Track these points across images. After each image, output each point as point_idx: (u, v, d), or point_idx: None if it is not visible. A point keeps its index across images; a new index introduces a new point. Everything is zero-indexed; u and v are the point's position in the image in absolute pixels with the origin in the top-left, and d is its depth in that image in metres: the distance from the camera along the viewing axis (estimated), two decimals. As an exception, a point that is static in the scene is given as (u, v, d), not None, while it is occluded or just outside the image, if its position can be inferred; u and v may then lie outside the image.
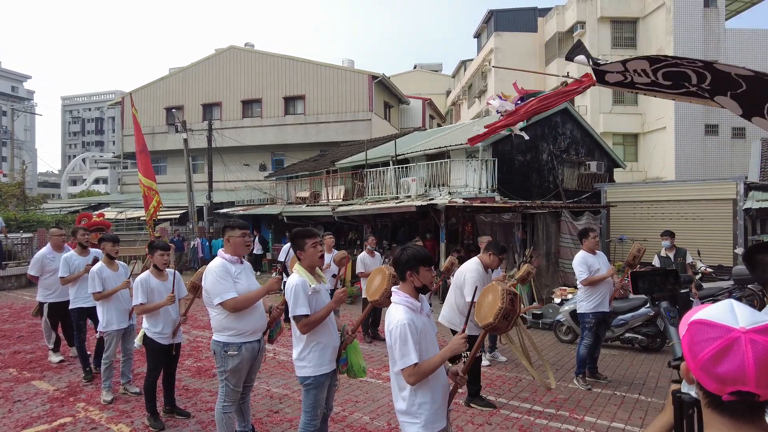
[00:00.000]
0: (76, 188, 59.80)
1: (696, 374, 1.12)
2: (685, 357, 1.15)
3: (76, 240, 6.20)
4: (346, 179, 17.71)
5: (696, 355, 1.11)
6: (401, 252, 2.68)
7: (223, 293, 3.57)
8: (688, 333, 1.15)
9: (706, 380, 1.10)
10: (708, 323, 1.11)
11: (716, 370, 1.06)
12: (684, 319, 1.22)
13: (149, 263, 4.83)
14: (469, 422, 4.73)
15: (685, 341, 1.15)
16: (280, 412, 4.93)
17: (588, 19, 24.19)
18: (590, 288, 5.80)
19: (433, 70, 47.87)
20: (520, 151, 14.32)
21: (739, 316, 1.10)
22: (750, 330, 1.06)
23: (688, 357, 1.14)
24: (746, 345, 1.04)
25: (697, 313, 1.16)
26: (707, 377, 1.09)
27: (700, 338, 1.11)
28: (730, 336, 1.06)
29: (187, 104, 30.12)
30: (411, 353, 2.43)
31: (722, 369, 1.06)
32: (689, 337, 1.14)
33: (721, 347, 1.06)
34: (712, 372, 1.08)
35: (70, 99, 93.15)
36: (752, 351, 1.04)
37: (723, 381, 1.06)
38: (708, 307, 1.16)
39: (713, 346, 1.07)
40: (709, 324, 1.11)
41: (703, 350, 1.09)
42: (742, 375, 1.04)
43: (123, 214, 24.50)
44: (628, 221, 14.72)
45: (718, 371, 1.06)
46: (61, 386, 5.64)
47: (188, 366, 6.47)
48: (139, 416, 4.72)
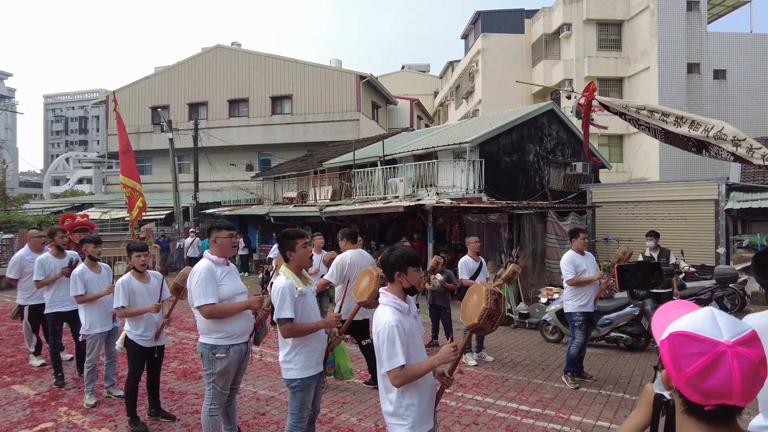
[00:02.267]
0: (59, 188, 58.89)
1: (679, 386, 1.11)
2: (668, 368, 1.14)
3: (53, 242, 5.94)
4: (333, 179, 17.66)
5: (681, 370, 1.09)
6: (389, 253, 2.67)
7: (202, 297, 3.53)
8: (670, 344, 1.13)
9: (690, 393, 1.09)
10: (693, 336, 1.09)
11: (703, 385, 1.06)
12: (660, 320, 1.21)
13: (131, 265, 4.75)
14: (456, 422, 4.74)
15: (667, 352, 1.13)
16: (266, 414, 4.89)
17: (574, 21, 24.44)
18: (576, 288, 5.84)
19: (421, 71, 47.97)
20: (507, 152, 14.40)
21: (722, 328, 1.08)
22: (734, 343, 1.05)
23: (671, 369, 1.12)
24: (732, 360, 1.04)
25: (678, 323, 1.13)
26: (692, 391, 1.08)
27: (684, 352, 1.09)
28: (716, 350, 1.05)
29: (172, 103, 29.80)
30: (398, 355, 2.42)
31: (709, 384, 1.05)
32: (672, 349, 1.12)
33: (708, 363, 1.05)
34: (698, 387, 1.07)
35: (53, 97, 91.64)
36: (738, 366, 1.03)
37: (708, 395, 1.06)
38: (689, 315, 1.14)
39: (700, 362, 1.05)
40: (693, 337, 1.09)
41: (689, 365, 1.07)
42: (729, 390, 1.04)
43: (107, 215, 24.15)
44: (614, 221, 14.88)
45: (705, 386, 1.05)
46: (42, 390, 5.54)
47: (174, 368, 6.39)
48: (123, 420, 4.65)
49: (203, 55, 29.88)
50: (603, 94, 27.06)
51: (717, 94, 22.35)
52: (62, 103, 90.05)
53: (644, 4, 22.87)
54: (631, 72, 23.88)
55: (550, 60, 26.07)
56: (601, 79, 24.26)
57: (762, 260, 2.26)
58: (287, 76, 27.83)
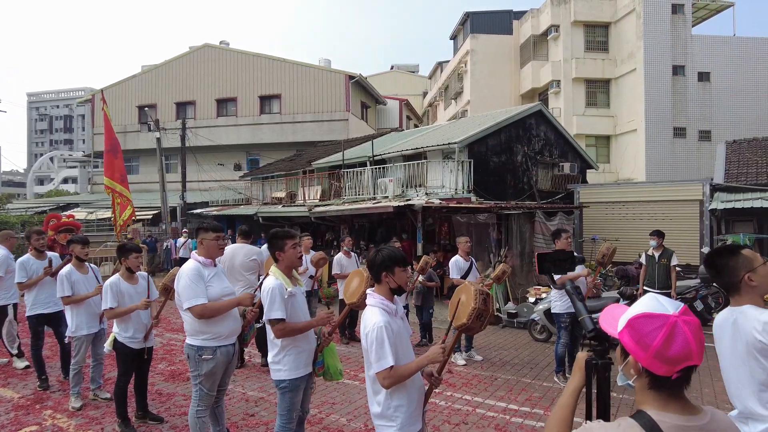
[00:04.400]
0: (43, 188, 58.00)
1: (647, 363, 1.26)
2: (634, 352, 1.29)
3: (30, 244, 5.77)
4: (322, 179, 17.62)
5: (648, 346, 1.25)
6: (376, 253, 2.67)
7: (192, 298, 3.51)
8: (631, 329, 1.29)
9: (658, 366, 1.25)
10: (649, 315, 1.28)
11: (668, 353, 1.23)
12: (608, 319, 1.38)
13: (119, 266, 4.70)
14: (446, 422, 4.76)
15: (631, 338, 1.29)
16: (255, 416, 4.87)
17: (562, 22, 24.65)
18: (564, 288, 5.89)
19: (410, 71, 48.02)
20: (496, 153, 14.49)
21: (666, 305, 1.29)
22: (679, 313, 1.26)
23: (638, 351, 1.27)
24: (684, 326, 1.24)
25: (632, 311, 1.32)
26: (659, 362, 1.25)
27: (646, 330, 1.26)
28: (670, 322, 1.25)
29: (160, 102, 29.52)
30: (387, 356, 2.42)
31: (673, 351, 1.23)
32: (635, 332, 1.28)
33: (668, 333, 1.23)
34: (665, 356, 1.23)
35: (37, 95, 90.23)
36: (689, 330, 1.24)
37: (674, 362, 1.23)
38: (638, 303, 1.33)
39: (661, 334, 1.24)
40: (650, 316, 1.27)
41: (654, 339, 1.24)
42: (689, 352, 1.23)
43: (93, 215, 23.85)
44: (601, 222, 15.04)
45: (670, 354, 1.23)
46: (26, 393, 5.46)
47: (161, 370, 6.34)
48: (110, 422, 4.60)
49: (191, 54, 29.64)
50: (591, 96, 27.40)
51: (701, 96, 22.69)
52: (46, 102, 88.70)
53: (630, 7, 23.14)
54: (618, 73, 24.15)
55: (538, 61, 26.26)
56: (589, 80, 24.51)
57: (709, 262, 2.35)
58: (276, 76, 27.71)
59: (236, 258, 6.11)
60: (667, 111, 22.24)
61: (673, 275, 7.62)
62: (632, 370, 1.34)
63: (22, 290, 5.69)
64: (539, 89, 26.43)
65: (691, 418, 1.28)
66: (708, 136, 22.67)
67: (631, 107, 23.12)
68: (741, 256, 2.22)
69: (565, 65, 24.41)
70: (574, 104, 24.29)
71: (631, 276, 11.32)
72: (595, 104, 24.63)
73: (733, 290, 2.23)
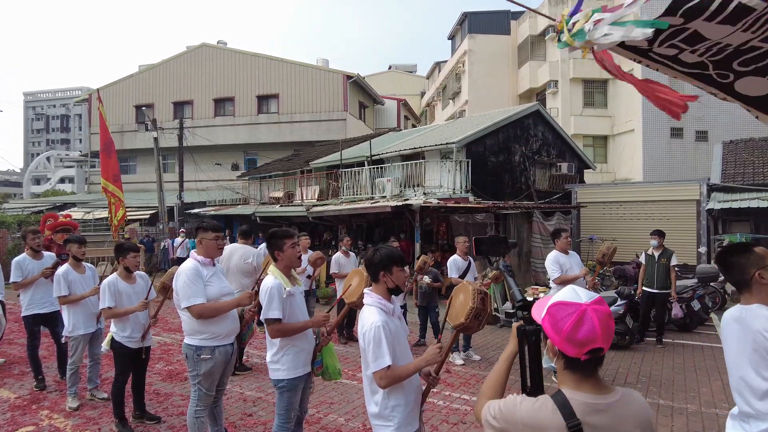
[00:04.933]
0: (39, 187, 57.83)
1: (560, 345, 1.45)
2: (550, 335, 1.47)
3: (26, 245, 5.77)
4: (320, 179, 17.61)
5: (560, 330, 1.43)
6: (374, 253, 2.66)
7: (191, 297, 3.50)
8: (549, 316, 1.47)
9: (569, 348, 1.43)
10: (563, 303, 1.46)
11: (576, 336, 1.41)
12: (537, 309, 1.56)
13: (117, 265, 4.68)
14: (444, 421, 4.76)
15: (549, 323, 1.47)
16: (253, 415, 4.86)
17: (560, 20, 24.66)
18: (562, 287, 5.90)
19: (408, 71, 48.05)
20: (493, 153, 14.51)
21: (581, 295, 1.47)
22: (591, 303, 1.44)
23: (553, 334, 1.46)
24: (592, 314, 1.41)
25: (551, 300, 1.50)
26: (569, 345, 1.42)
27: (560, 316, 1.44)
28: (580, 309, 1.42)
29: (157, 102, 29.46)
30: (385, 355, 2.41)
31: (580, 334, 1.40)
32: (551, 317, 1.46)
33: (577, 318, 1.41)
34: (573, 339, 1.41)
35: (33, 95, 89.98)
36: (597, 317, 1.41)
37: (581, 344, 1.40)
38: (557, 293, 1.51)
39: (572, 320, 1.41)
40: (564, 303, 1.46)
41: (565, 324, 1.42)
42: (594, 336, 1.40)
43: (90, 215, 23.77)
44: (598, 221, 15.07)
45: (578, 337, 1.40)
46: (23, 394, 5.44)
47: (159, 370, 6.32)
48: (107, 423, 4.58)
49: (188, 54, 29.58)
50: (588, 96, 27.33)
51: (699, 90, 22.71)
52: (43, 101, 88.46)
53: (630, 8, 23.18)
54: (615, 73, 24.17)
55: (536, 61, 26.30)
56: (586, 80, 24.54)
57: (720, 259, 2.35)
58: (274, 76, 27.68)
59: (232, 259, 6.07)
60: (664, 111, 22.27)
61: (673, 275, 7.62)
62: (551, 353, 1.50)
63: (18, 290, 5.65)
64: (537, 89, 26.46)
65: (601, 397, 1.44)
66: (705, 137, 22.72)
67: (628, 107, 23.16)
68: (753, 253, 2.21)
69: (563, 65, 24.44)
70: (572, 104, 24.32)
71: (629, 276, 11.34)
72: (592, 104, 24.68)
73: (744, 288, 2.22)
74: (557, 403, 1.43)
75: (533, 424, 1.43)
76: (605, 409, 1.42)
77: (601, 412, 1.42)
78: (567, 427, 1.39)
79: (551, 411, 1.42)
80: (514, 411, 1.48)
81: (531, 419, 1.44)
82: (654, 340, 7.81)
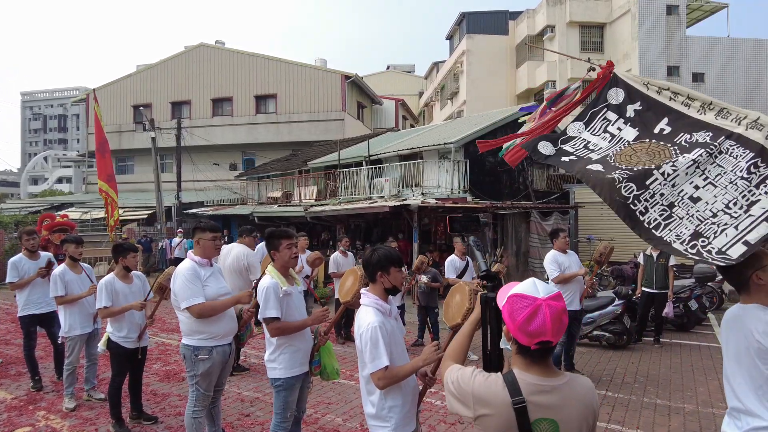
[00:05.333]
0: (37, 187, 57.69)
1: (514, 333, 1.56)
2: (506, 322, 1.58)
3: (23, 245, 5.73)
4: (318, 179, 17.60)
5: (515, 319, 1.53)
6: (371, 253, 2.66)
7: (191, 298, 3.50)
8: (508, 304, 1.57)
9: (521, 337, 1.53)
10: (521, 296, 1.54)
11: (528, 328, 1.50)
12: (500, 296, 1.64)
13: (114, 265, 4.67)
14: (442, 421, 4.76)
15: (507, 311, 1.57)
16: (251, 416, 4.85)
17: (557, 23, 24.72)
18: (561, 286, 5.91)
19: (406, 71, 48.07)
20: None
21: (540, 289, 1.55)
22: (547, 298, 1.52)
23: (509, 321, 1.56)
24: (545, 309, 1.50)
25: (512, 290, 1.59)
26: (521, 334, 1.53)
27: (516, 307, 1.53)
28: (535, 303, 1.51)
29: (155, 102, 29.41)
30: (382, 356, 2.41)
31: (532, 327, 1.50)
32: (509, 307, 1.56)
33: (531, 311, 1.50)
34: (525, 330, 1.51)
35: (31, 95, 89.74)
36: (549, 312, 1.49)
37: (532, 336, 1.51)
38: (519, 285, 1.60)
39: (526, 312, 1.51)
40: (522, 296, 1.54)
41: (519, 315, 1.51)
42: (544, 329, 1.49)
43: (88, 215, 23.72)
44: (596, 221, 15.08)
45: (530, 329, 1.50)
46: (19, 394, 5.42)
47: (156, 370, 6.31)
48: (104, 423, 4.57)
49: (186, 54, 29.54)
50: (585, 96, 27.45)
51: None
52: (40, 101, 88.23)
53: (625, 8, 23.24)
54: (613, 74, 24.23)
55: (533, 61, 26.32)
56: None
57: None
58: (272, 75, 27.65)
59: (227, 258, 6.06)
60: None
61: (671, 275, 7.64)
62: (506, 336, 1.64)
63: (14, 290, 5.62)
64: (535, 89, 26.48)
65: (548, 379, 1.56)
66: (702, 137, 22.77)
67: (626, 107, 23.19)
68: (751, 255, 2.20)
69: (561, 65, 24.48)
70: (570, 104, 24.32)
71: (626, 276, 11.35)
72: (590, 104, 24.69)
73: (742, 289, 2.23)
74: (506, 381, 1.56)
75: (482, 398, 1.57)
76: (550, 391, 1.54)
77: (547, 393, 1.54)
78: (512, 404, 1.52)
79: (500, 388, 1.56)
80: (468, 384, 1.62)
81: (481, 393, 1.58)
82: (651, 340, 7.82)
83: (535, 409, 1.52)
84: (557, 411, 1.53)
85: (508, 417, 1.51)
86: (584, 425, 1.57)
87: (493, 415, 1.54)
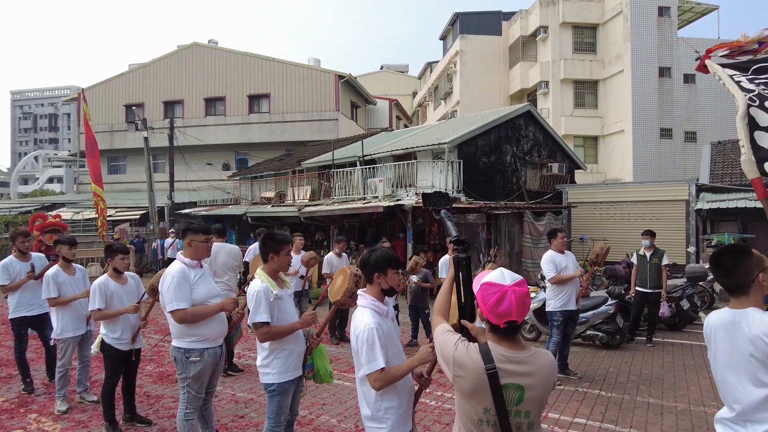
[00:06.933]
0: (27, 187, 57.13)
1: (486, 315, 1.86)
2: (479, 305, 1.90)
3: (14, 246, 5.65)
4: (312, 179, 17.57)
5: (486, 303, 1.84)
6: (369, 254, 2.65)
7: (174, 302, 3.46)
8: (480, 290, 1.88)
9: (492, 317, 1.84)
10: (491, 284, 1.86)
11: (497, 310, 1.82)
12: (476, 280, 1.95)
13: (108, 267, 4.63)
14: (436, 422, 4.76)
15: (480, 296, 1.88)
16: (245, 417, 4.84)
17: (550, 23, 24.82)
18: (557, 286, 5.94)
19: (400, 71, 48.07)
20: (485, 153, 14.55)
21: (507, 277, 1.88)
22: (512, 285, 1.84)
23: (481, 305, 1.87)
24: (511, 294, 1.81)
25: (484, 278, 1.89)
26: (492, 315, 1.84)
27: (487, 293, 1.85)
28: (503, 289, 1.83)
29: (147, 101, 29.22)
30: (378, 358, 2.40)
31: (500, 309, 1.81)
32: (481, 293, 1.87)
33: (499, 296, 1.82)
34: (495, 312, 1.82)
35: (21, 93, 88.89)
36: (514, 296, 1.81)
37: (500, 316, 1.82)
38: (489, 274, 1.90)
39: (495, 297, 1.82)
40: (491, 284, 1.86)
41: (490, 299, 1.83)
42: (510, 311, 1.81)
43: (80, 215, 23.52)
44: (589, 221, 15.17)
45: (499, 311, 1.82)
46: (10, 397, 5.37)
47: (150, 371, 6.27)
48: (97, 426, 4.54)
49: (179, 53, 29.37)
50: (579, 96, 27.46)
51: (687, 98, 22.99)
52: (31, 100, 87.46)
53: (618, 9, 23.37)
54: (605, 75, 24.38)
55: (527, 62, 26.42)
56: (577, 81, 24.70)
57: (714, 261, 2.31)
58: (265, 75, 27.56)
59: (218, 258, 6.03)
60: (653, 112, 22.51)
61: (664, 275, 7.69)
62: (480, 317, 1.94)
63: (5, 293, 5.53)
64: (528, 90, 26.59)
65: (516, 352, 1.86)
66: (693, 137, 22.97)
67: (618, 108, 23.34)
68: (754, 255, 2.18)
69: (554, 66, 24.58)
70: (563, 105, 24.47)
71: (619, 275, 11.42)
72: (583, 105, 24.84)
73: (741, 291, 2.18)
74: (481, 351, 1.86)
75: (460, 363, 1.88)
76: (518, 361, 1.84)
77: (515, 363, 1.84)
78: (485, 370, 1.82)
79: (476, 355, 1.86)
80: (450, 350, 1.93)
81: (459, 359, 1.89)
82: (644, 339, 7.88)
83: (505, 375, 1.82)
84: (524, 378, 1.83)
85: (481, 380, 1.82)
86: (545, 391, 1.89)
87: (467, 377, 1.86)
